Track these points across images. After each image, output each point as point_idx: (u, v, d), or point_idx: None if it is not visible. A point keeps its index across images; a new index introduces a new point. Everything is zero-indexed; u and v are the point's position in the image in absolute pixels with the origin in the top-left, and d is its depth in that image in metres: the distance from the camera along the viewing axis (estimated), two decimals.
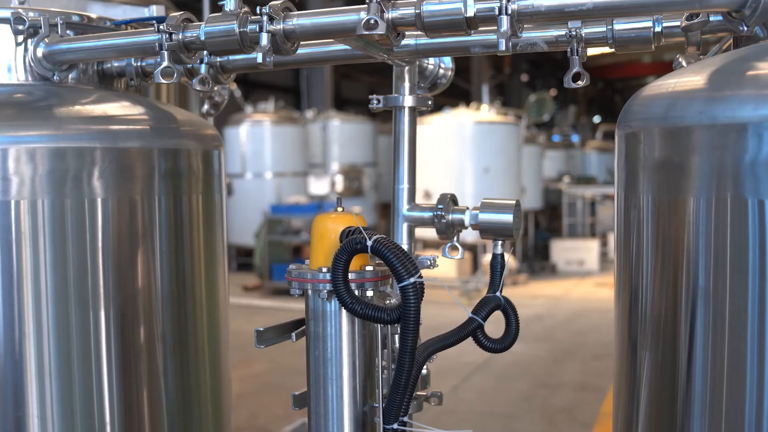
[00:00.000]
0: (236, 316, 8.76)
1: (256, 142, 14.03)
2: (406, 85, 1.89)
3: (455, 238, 1.88)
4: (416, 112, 1.93)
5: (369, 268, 1.66)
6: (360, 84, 23.86)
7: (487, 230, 1.77)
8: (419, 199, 1.96)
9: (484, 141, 12.04)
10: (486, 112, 12.76)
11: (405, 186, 1.92)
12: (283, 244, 11.72)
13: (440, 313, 3.77)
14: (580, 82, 1.67)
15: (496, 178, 11.90)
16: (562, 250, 13.98)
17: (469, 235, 2.02)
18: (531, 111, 14.68)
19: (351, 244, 1.57)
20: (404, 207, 1.91)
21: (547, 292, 11.53)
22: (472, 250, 12.01)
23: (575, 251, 13.86)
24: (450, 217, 1.83)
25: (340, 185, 14.02)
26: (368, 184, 14.70)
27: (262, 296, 11.14)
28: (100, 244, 1.76)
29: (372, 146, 15.61)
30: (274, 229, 11.78)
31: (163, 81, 1.68)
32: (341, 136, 15.19)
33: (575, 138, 23.01)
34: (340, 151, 15.09)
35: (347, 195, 13.95)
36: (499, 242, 1.79)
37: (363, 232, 1.58)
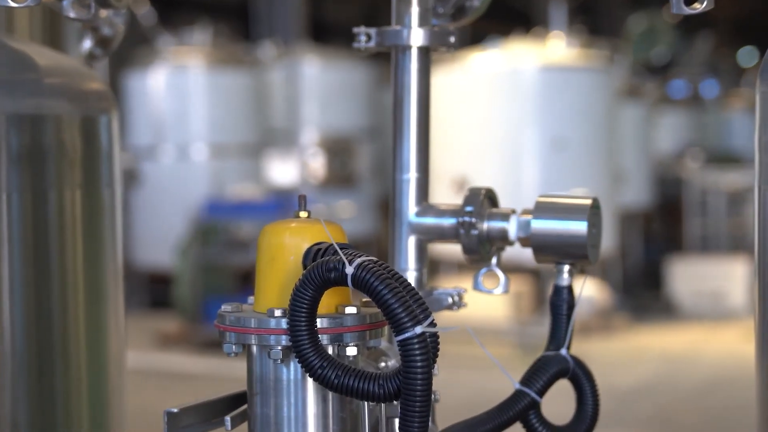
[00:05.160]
0: (147, 385, 8.76)
1: (180, 97, 14.05)
2: (414, 10, 1.90)
3: (494, 260, 1.89)
4: (431, 55, 1.95)
5: (350, 309, 1.68)
6: (351, 5, 23.89)
7: (545, 248, 1.79)
8: (445, 196, 1.98)
9: (555, 97, 12.03)
10: (559, 47, 12.75)
11: (412, 175, 1.92)
12: (222, 268, 11.72)
13: (490, 381, 3.76)
14: (697, 5, 1.68)
15: (573, 158, 11.89)
16: (686, 276, 13.96)
17: (525, 253, 2.01)
18: (635, 45, 14.70)
19: (321, 271, 1.59)
20: (411, 209, 1.92)
21: (663, 346, 11.51)
22: (535, 275, 12.02)
23: (709, 277, 13.83)
24: (485, 225, 1.85)
25: (319, 168, 14.02)
26: (364, 166, 14.72)
27: (190, 351, 11.13)
28: None
29: (369, 104, 15.60)
30: (209, 240, 11.79)
31: (12, 3, 1.70)
32: (321, 86, 15.18)
33: (711, 89, 22.96)
34: (321, 113, 15.08)
35: (331, 184, 13.96)
36: (565, 267, 1.80)
37: (339, 251, 1.59)
